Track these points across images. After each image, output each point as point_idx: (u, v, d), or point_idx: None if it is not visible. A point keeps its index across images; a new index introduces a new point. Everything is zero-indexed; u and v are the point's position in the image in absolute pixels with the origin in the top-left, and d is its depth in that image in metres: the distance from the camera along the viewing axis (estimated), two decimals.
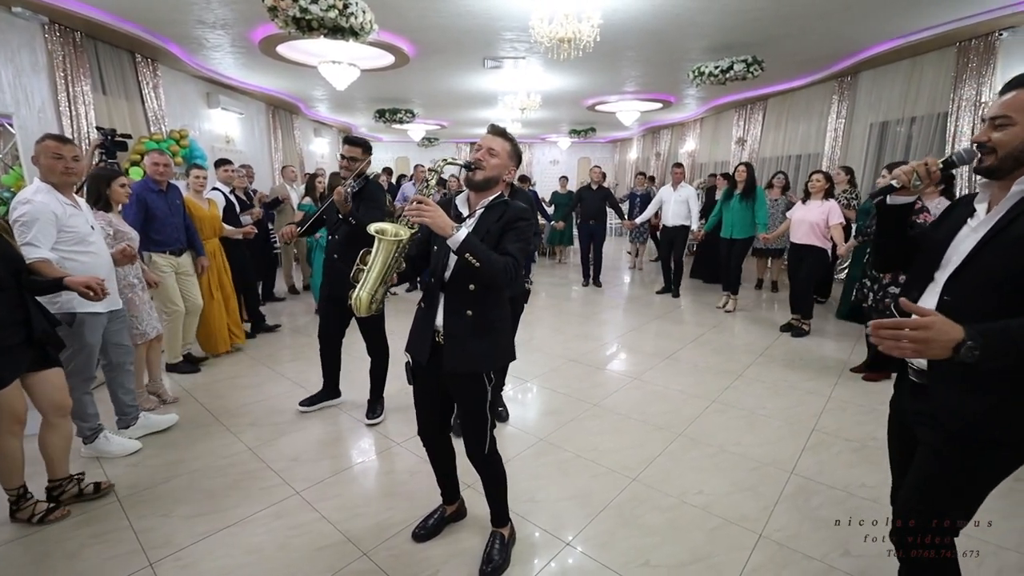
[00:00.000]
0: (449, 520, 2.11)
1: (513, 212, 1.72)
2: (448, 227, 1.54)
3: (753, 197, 5.39)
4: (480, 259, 1.57)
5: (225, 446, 2.74)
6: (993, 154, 1.20)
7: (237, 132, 8.69)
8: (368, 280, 1.68)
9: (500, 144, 1.75)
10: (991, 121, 1.21)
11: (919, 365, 1.31)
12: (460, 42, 6.17)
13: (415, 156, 16.97)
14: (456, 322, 1.72)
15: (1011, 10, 5.10)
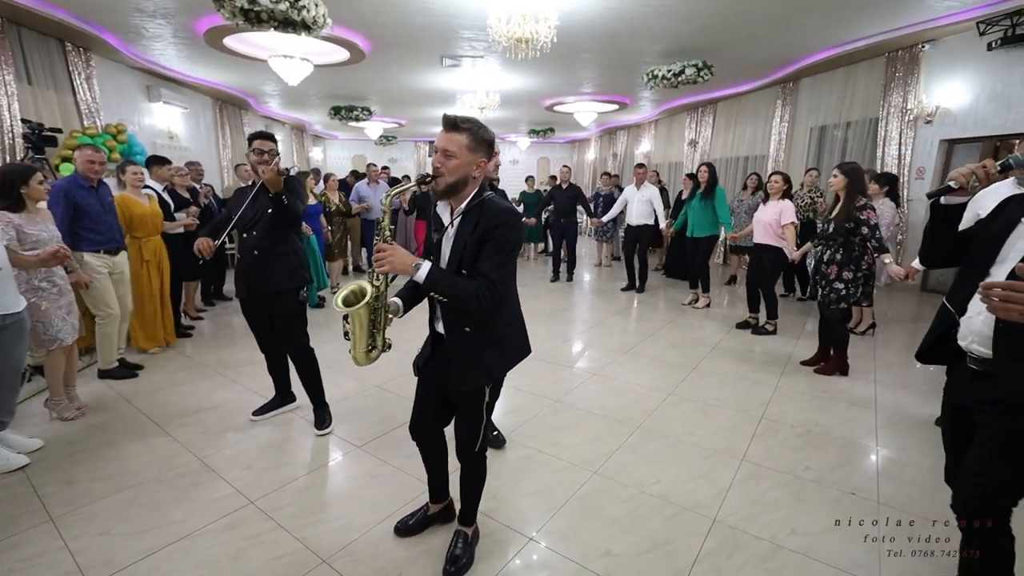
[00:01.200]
0: (433, 520, 2.08)
1: (489, 219, 1.56)
2: (408, 267, 1.53)
3: (714, 196, 5.55)
4: (445, 294, 1.56)
5: (171, 456, 2.61)
6: None
7: (181, 127, 8.26)
8: (357, 342, 1.70)
9: (455, 141, 1.56)
10: None
11: (980, 353, 1.38)
12: (417, 39, 6.10)
13: (372, 154, 16.63)
14: (457, 339, 1.68)
15: (932, 24, 5.53)
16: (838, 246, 3.58)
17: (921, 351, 1.60)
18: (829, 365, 3.79)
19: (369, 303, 1.65)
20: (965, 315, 1.42)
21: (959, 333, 1.44)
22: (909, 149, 6.34)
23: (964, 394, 1.46)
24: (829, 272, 3.62)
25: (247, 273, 2.76)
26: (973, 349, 1.40)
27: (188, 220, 4.48)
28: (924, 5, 5.06)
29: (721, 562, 1.91)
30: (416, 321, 2.23)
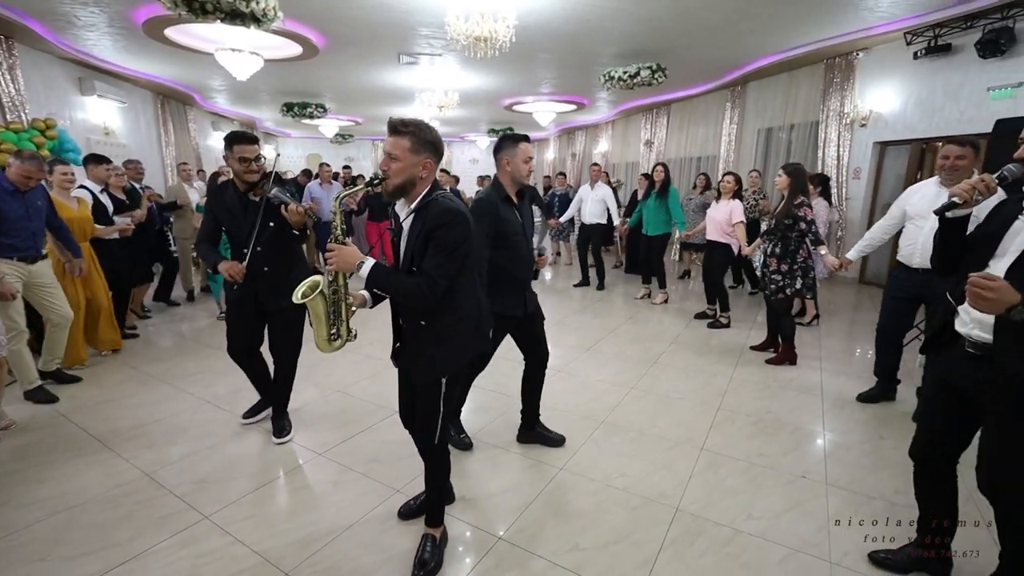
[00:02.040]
0: None
1: (432, 219, 1.60)
2: (352, 266, 1.63)
3: (667, 196, 5.71)
4: (387, 291, 1.66)
5: (115, 474, 2.44)
6: None
7: (118, 123, 7.77)
8: (319, 330, 1.79)
9: (398, 144, 1.60)
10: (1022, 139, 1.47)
11: (980, 338, 1.50)
12: (373, 35, 5.98)
13: (328, 153, 16.19)
14: (411, 332, 1.77)
15: (865, 34, 5.90)
16: (776, 240, 3.85)
17: (925, 343, 1.74)
18: (779, 356, 4.00)
19: (322, 293, 1.75)
20: (964, 304, 1.54)
21: (958, 320, 1.58)
22: (846, 151, 6.75)
23: (963, 377, 1.58)
24: (769, 264, 3.89)
25: (256, 289, 2.61)
26: (973, 335, 1.52)
27: (123, 225, 4.19)
28: (857, 15, 5.39)
29: (684, 549, 1.98)
30: (377, 321, 2.19)
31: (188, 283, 5.90)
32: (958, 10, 5.07)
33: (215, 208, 2.60)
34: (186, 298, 5.87)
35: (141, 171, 5.46)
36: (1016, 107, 4.78)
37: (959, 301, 1.58)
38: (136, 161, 5.51)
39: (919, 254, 2.85)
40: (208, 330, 4.82)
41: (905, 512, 2.19)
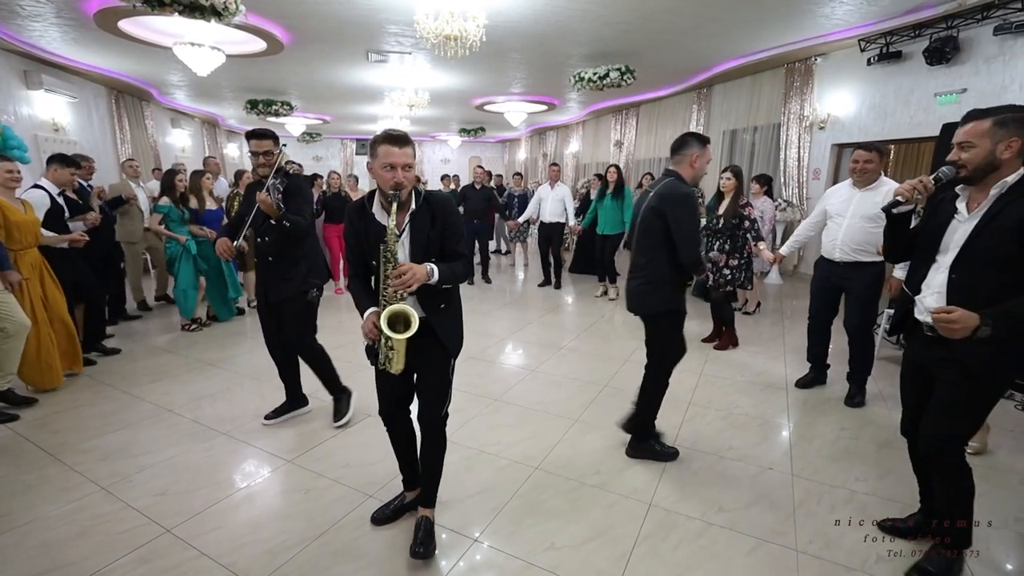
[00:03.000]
0: (410, 507, 2.12)
1: (442, 208, 1.81)
2: (426, 276, 1.70)
3: (623, 196, 5.89)
4: (452, 280, 1.80)
5: (69, 489, 2.32)
6: (964, 168, 1.63)
7: (69, 119, 7.38)
8: (398, 359, 1.77)
9: (408, 154, 1.73)
10: (959, 146, 1.63)
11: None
12: (341, 32, 5.86)
13: (295, 151, 15.82)
14: (436, 315, 1.85)
15: (822, 40, 6.14)
16: (726, 238, 4.17)
17: (891, 327, 1.99)
18: (723, 341, 4.34)
19: (412, 331, 1.71)
20: (920, 295, 1.77)
21: (918, 310, 1.78)
22: (806, 152, 7.00)
23: (923, 356, 1.79)
24: (719, 260, 4.19)
25: (263, 279, 2.78)
26: (929, 321, 1.70)
27: (77, 235, 3.71)
28: (815, 22, 5.60)
29: (658, 543, 2.01)
30: (344, 326, 2.14)
31: (140, 293, 5.47)
32: (907, 19, 5.33)
33: (246, 202, 2.81)
34: (137, 307, 5.43)
35: (92, 169, 5.16)
36: (961, 111, 4.99)
37: (915, 292, 1.78)
38: (87, 158, 5.19)
39: (839, 248, 3.10)
40: (167, 338, 4.62)
41: (867, 499, 2.28)
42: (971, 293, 1.59)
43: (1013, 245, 1.53)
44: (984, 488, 2.39)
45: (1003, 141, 1.58)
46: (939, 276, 1.70)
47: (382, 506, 2.15)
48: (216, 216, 5.00)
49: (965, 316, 1.50)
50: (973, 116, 1.64)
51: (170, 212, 4.60)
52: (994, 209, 1.60)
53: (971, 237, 1.62)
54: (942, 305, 1.63)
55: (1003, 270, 1.56)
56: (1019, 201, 1.56)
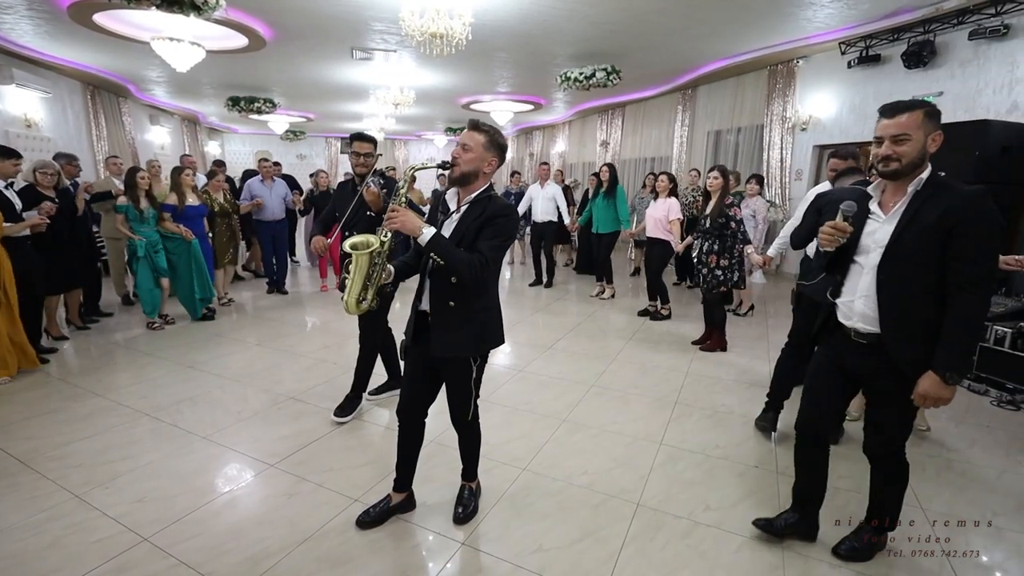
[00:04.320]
0: (395, 510, 2.13)
1: (494, 207, 1.83)
2: (416, 228, 1.73)
3: (615, 195, 5.89)
4: (443, 257, 1.74)
5: (40, 498, 2.23)
6: (898, 162, 1.54)
7: (42, 115, 7.17)
8: (352, 287, 1.82)
9: (473, 138, 1.82)
10: (893, 139, 1.54)
11: (866, 330, 1.67)
12: (325, 29, 5.78)
13: (278, 149, 15.59)
14: (441, 311, 1.86)
15: (804, 43, 6.23)
16: (714, 238, 4.14)
17: (814, 335, 1.91)
18: (711, 343, 4.31)
19: (373, 251, 1.80)
20: (844, 298, 1.74)
21: (841, 314, 1.76)
22: (789, 153, 7.10)
23: (855, 364, 1.74)
24: (710, 261, 4.16)
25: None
26: (859, 327, 1.69)
27: (36, 219, 3.64)
28: (797, 25, 5.68)
29: (646, 543, 2.01)
30: (330, 327, 2.10)
31: (121, 287, 5.48)
32: (886, 23, 5.43)
33: (336, 199, 3.10)
34: (121, 302, 5.46)
35: (76, 168, 5.01)
36: None
37: (835, 296, 1.79)
38: (71, 156, 5.04)
39: None
40: (144, 337, 4.50)
41: (850, 496, 2.31)
42: (901, 295, 1.58)
43: (936, 243, 1.51)
44: (962, 483, 2.46)
45: (931, 134, 1.54)
46: (865, 279, 1.66)
47: (367, 509, 2.12)
48: (199, 212, 4.95)
49: (931, 386, 1.53)
50: (902, 108, 1.55)
51: (128, 211, 4.49)
52: (913, 207, 1.56)
53: (895, 237, 1.58)
54: (872, 307, 1.63)
55: (928, 270, 1.54)
56: (936, 198, 1.53)
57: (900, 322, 1.59)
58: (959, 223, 1.47)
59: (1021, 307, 3.72)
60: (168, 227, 4.62)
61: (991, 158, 4.04)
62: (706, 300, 4.32)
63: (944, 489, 2.39)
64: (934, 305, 1.54)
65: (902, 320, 1.59)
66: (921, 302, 1.55)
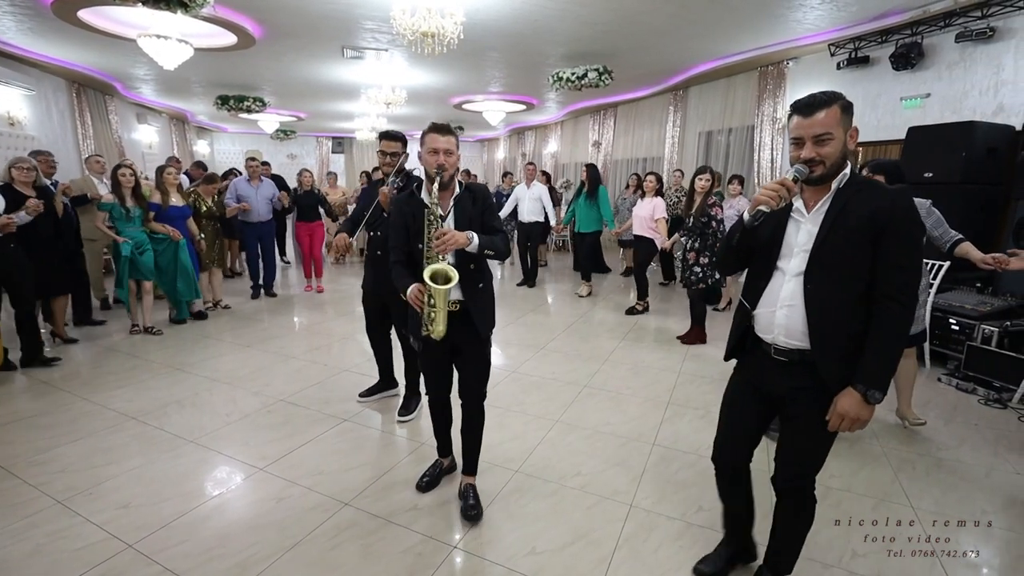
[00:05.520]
0: (447, 471, 2.41)
1: (481, 192, 2.08)
2: (467, 240, 1.90)
3: (597, 196, 5.97)
4: (492, 249, 1.97)
5: (21, 505, 2.18)
6: (822, 165, 1.38)
7: (25, 112, 7.03)
8: (439, 319, 1.93)
9: (451, 141, 1.98)
10: (816, 139, 1.37)
11: (788, 345, 1.47)
12: (315, 27, 5.72)
13: (268, 149, 15.46)
14: (474, 295, 2.03)
15: (794, 44, 6.28)
16: (696, 236, 4.28)
17: (730, 350, 1.67)
18: (690, 336, 4.48)
19: (452, 284, 1.88)
20: (763, 308, 1.52)
21: (759, 327, 1.54)
22: (779, 154, 7.14)
23: (774, 384, 1.53)
24: (690, 258, 4.32)
25: (373, 270, 2.95)
26: (780, 342, 1.48)
27: (4, 219, 3.46)
28: (787, 26, 5.71)
29: (639, 544, 2.00)
30: (319, 327, 2.07)
31: (100, 291, 5.27)
32: (874, 25, 5.48)
33: (365, 198, 3.05)
34: (100, 307, 5.24)
35: (52, 165, 4.89)
36: (925, 116, 5.21)
37: (754, 305, 1.55)
38: (46, 153, 4.90)
39: None
40: (128, 340, 4.42)
41: (842, 495, 2.32)
42: (830, 305, 1.39)
43: (864, 247, 1.36)
44: (951, 481, 2.48)
45: (848, 130, 1.40)
46: (789, 286, 1.45)
47: (423, 474, 2.36)
48: (182, 213, 4.79)
49: (850, 406, 1.36)
50: (819, 103, 1.37)
51: (113, 209, 4.31)
52: (837, 205, 1.40)
53: (819, 239, 1.40)
54: (798, 319, 1.43)
55: (857, 277, 1.38)
56: (860, 195, 1.38)
57: (831, 336, 1.40)
58: (887, 226, 1.33)
59: (1008, 306, 3.77)
60: (155, 227, 4.51)
61: (978, 159, 4.09)
62: (689, 296, 4.51)
63: (933, 487, 2.41)
64: (863, 316, 1.38)
65: (833, 333, 1.40)
66: (850, 313, 1.38)
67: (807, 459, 1.55)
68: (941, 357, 3.92)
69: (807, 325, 1.42)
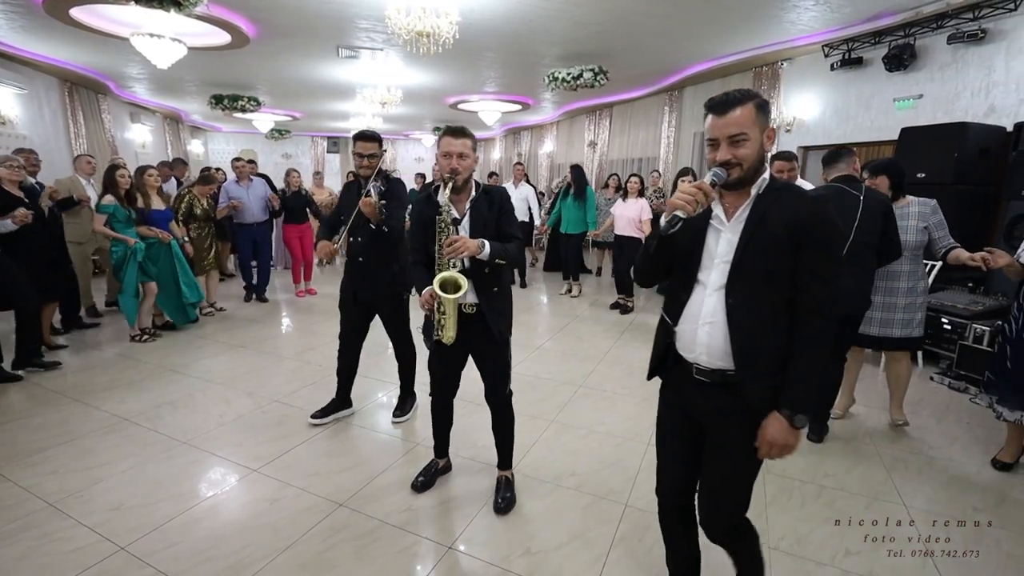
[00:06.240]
0: (442, 472, 2.41)
1: (500, 197, 2.04)
2: (478, 248, 1.88)
3: (584, 197, 6.03)
4: (505, 257, 1.95)
5: (11, 507, 2.16)
6: (739, 167, 1.26)
7: (17, 111, 6.98)
8: (449, 326, 1.95)
9: (466, 144, 1.95)
10: (732, 140, 1.25)
11: (710, 365, 1.33)
12: (310, 27, 5.70)
13: (263, 148, 15.40)
14: (490, 300, 2.02)
15: (788, 45, 6.31)
16: None
17: (653, 368, 1.56)
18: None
19: (462, 291, 1.91)
20: (684, 325, 1.39)
21: (681, 345, 1.41)
22: (774, 154, 7.17)
23: (698, 407, 1.41)
24: None
25: (354, 275, 2.82)
26: (702, 361, 1.35)
27: None
28: (781, 27, 5.74)
29: (634, 544, 2.00)
30: (315, 328, 2.06)
31: (88, 298, 5.05)
32: (867, 27, 5.51)
33: (342, 202, 2.95)
34: (86, 313, 4.97)
35: (36, 164, 4.77)
36: (917, 117, 5.25)
37: (675, 321, 1.42)
38: (30, 151, 4.74)
39: None
40: (121, 343, 4.38)
41: (835, 494, 2.33)
42: (755, 322, 1.27)
43: (785, 257, 1.25)
44: (943, 480, 2.49)
45: (765, 130, 1.30)
46: (710, 301, 1.32)
47: (417, 475, 2.34)
48: (165, 216, 4.57)
49: (776, 433, 1.25)
50: (734, 100, 1.26)
51: (115, 212, 4.13)
52: (757, 213, 1.28)
53: (740, 249, 1.28)
54: (720, 337, 1.30)
55: (780, 290, 1.27)
56: (780, 202, 1.27)
57: (756, 355, 1.28)
58: (805, 237, 1.23)
59: (999, 306, 3.80)
60: (142, 231, 4.32)
61: (969, 160, 4.12)
62: None
63: (925, 486, 2.43)
64: (786, 333, 1.28)
65: (759, 353, 1.28)
66: (776, 329, 1.28)
67: (732, 493, 1.40)
68: (933, 356, 3.95)
69: (730, 344, 1.29)
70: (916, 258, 2.81)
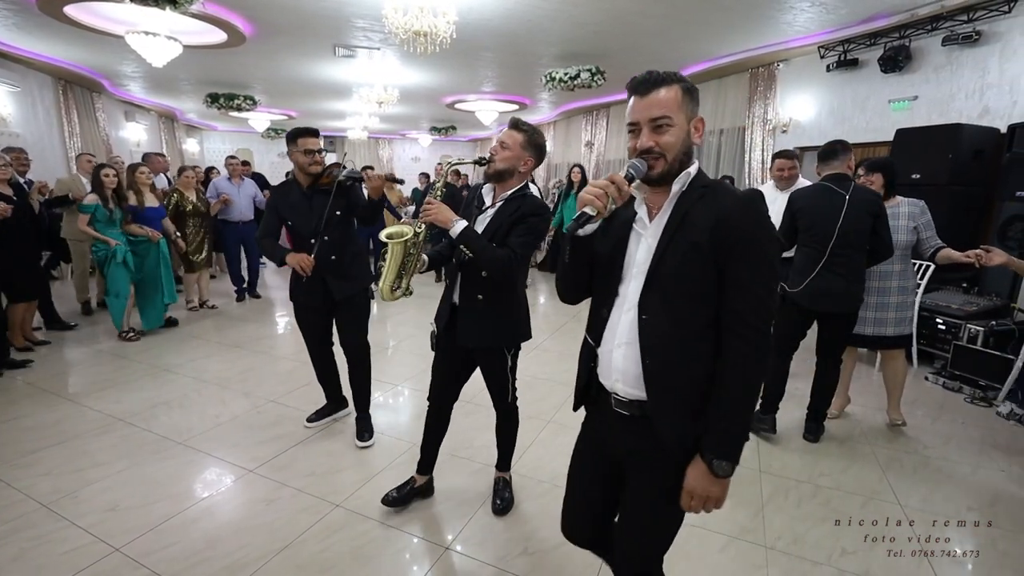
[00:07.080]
0: (417, 493, 2.23)
1: (529, 206, 1.86)
2: (448, 221, 1.78)
3: None
4: (474, 250, 1.77)
5: (5, 508, 2.14)
6: (663, 159, 1.09)
7: (10, 110, 6.92)
8: (387, 275, 1.92)
9: (512, 136, 1.85)
10: (653, 124, 1.08)
11: (628, 395, 1.15)
12: (306, 26, 5.68)
13: (259, 148, 15.33)
14: (469, 303, 1.92)
15: (784, 46, 6.34)
16: None
17: (578, 398, 1.34)
18: None
19: (407, 241, 1.89)
20: (605, 346, 1.19)
21: (600, 370, 1.21)
22: (770, 155, 7.20)
23: (615, 443, 1.23)
24: None
25: (323, 279, 2.58)
26: (618, 390, 1.16)
27: None
28: (778, 28, 5.76)
29: None
30: None
31: (84, 294, 5.06)
32: (862, 28, 5.54)
33: (279, 205, 2.65)
34: (81, 311, 5.02)
35: (26, 162, 4.74)
36: (912, 118, 5.28)
37: (597, 342, 1.21)
38: (18, 149, 4.71)
39: None
40: (114, 343, 4.35)
41: (831, 493, 2.34)
42: (671, 343, 1.08)
43: (707, 267, 1.06)
44: (939, 479, 2.51)
45: (693, 119, 1.12)
46: (625, 318, 1.14)
47: (391, 490, 2.19)
48: (158, 214, 4.57)
49: (698, 481, 1.08)
50: (656, 80, 1.10)
51: (96, 211, 4.07)
52: (677, 214, 1.10)
53: (656, 256, 1.09)
54: (634, 360, 1.12)
55: (704, 305, 1.08)
56: (704, 201, 1.09)
57: (672, 383, 1.09)
58: (734, 238, 1.04)
59: (993, 306, 3.83)
60: (132, 229, 4.30)
61: (964, 161, 4.15)
62: None
63: (921, 485, 2.44)
64: (712, 360, 1.08)
65: (675, 380, 1.09)
66: (696, 354, 1.08)
67: (648, 547, 1.22)
68: (928, 356, 3.97)
69: (642, 368, 1.11)
70: (906, 257, 2.84)
